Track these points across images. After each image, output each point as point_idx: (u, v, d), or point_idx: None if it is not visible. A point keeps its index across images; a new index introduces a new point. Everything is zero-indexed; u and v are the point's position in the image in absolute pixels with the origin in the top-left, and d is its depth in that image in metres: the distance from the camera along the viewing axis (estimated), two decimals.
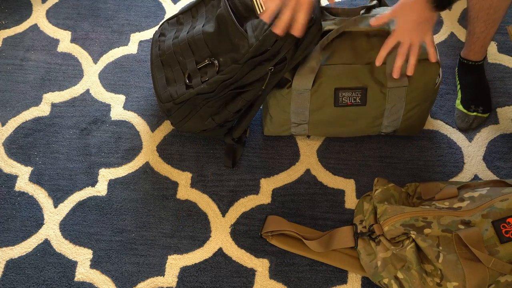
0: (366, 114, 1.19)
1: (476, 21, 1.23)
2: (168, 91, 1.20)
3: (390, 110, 1.19)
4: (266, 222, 1.18)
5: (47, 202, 1.24)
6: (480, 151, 1.29)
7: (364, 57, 1.14)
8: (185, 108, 1.19)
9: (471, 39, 1.28)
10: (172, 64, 1.22)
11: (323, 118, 1.21)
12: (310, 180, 1.26)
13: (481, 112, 1.32)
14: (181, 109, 1.19)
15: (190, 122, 1.21)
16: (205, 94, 1.14)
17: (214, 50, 1.15)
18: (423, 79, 1.14)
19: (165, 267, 1.15)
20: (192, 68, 1.17)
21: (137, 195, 1.25)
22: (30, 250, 1.18)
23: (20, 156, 1.32)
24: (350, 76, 1.14)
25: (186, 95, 1.16)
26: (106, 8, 1.62)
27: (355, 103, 1.17)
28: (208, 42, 1.16)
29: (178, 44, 1.21)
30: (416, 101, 1.18)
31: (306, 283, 1.12)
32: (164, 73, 1.23)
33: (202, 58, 1.16)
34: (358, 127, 1.23)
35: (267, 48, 1.06)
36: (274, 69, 1.10)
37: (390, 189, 1.13)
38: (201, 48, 1.17)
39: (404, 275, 1.03)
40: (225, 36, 1.13)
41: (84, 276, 1.14)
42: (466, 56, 1.34)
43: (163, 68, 1.24)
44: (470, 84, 1.35)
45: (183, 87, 1.17)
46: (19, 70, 1.49)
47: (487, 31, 1.24)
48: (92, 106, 1.40)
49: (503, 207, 1.02)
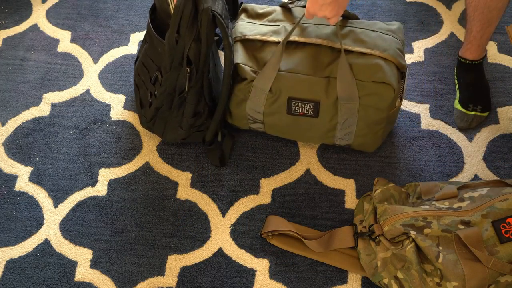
0: (319, 125, 1.20)
1: (473, 19, 1.23)
2: (142, 112, 1.28)
3: (342, 124, 1.18)
4: (266, 222, 1.18)
5: (47, 202, 1.24)
6: (480, 151, 1.29)
7: (324, 70, 1.15)
8: (159, 122, 1.26)
9: (469, 37, 1.29)
10: (140, 85, 1.27)
11: (277, 123, 1.22)
12: (310, 180, 1.26)
13: (480, 111, 1.32)
14: (156, 125, 1.27)
15: (168, 134, 1.27)
16: (161, 107, 1.20)
17: (158, 64, 1.18)
18: (375, 99, 1.13)
19: (165, 267, 1.15)
20: (149, 86, 1.21)
21: (137, 195, 1.25)
22: (30, 250, 1.18)
23: (20, 156, 1.32)
24: (305, 87, 1.15)
25: (150, 112, 1.23)
26: (106, 8, 1.62)
27: (307, 114, 1.17)
28: (151, 56, 1.19)
29: (138, 65, 1.26)
30: (369, 119, 1.17)
31: (306, 283, 1.12)
32: (139, 96, 1.28)
33: (153, 73, 1.20)
34: (311, 135, 1.24)
35: (173, 48, 1.09)
36: (190, 70, 1.12)
37: (390, 189, 1.13)
38: (150, 64, 1.20)
39: (404, 275, 1.03)
40: (155, 48, 1.16)
41: (84, 276, 1.14)
42: (464, 55, 1.34)
43: (138, 91, 1.28)
44: (468, 83, 1.35)
45: (148, 105, 1.24)
46: (19, 70, 1.49)
47: (483, 31, 1.24)
48: (92, 106, 1.41)
49: (503, 207, 1.02)
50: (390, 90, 1.12)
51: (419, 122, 1.35)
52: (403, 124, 1.34)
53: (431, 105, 1.37)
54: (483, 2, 1.17)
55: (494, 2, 1.17)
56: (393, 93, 1.12)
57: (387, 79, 1.11)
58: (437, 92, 1.40)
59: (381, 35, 1.18)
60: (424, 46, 1.49)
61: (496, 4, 1.17)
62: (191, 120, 1.21)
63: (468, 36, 1.28)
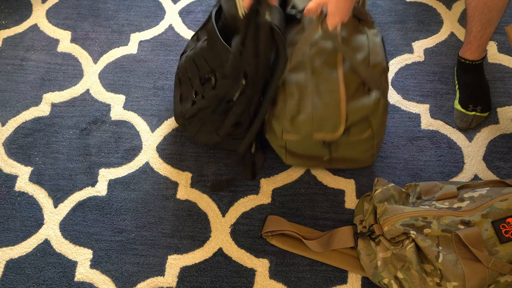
0: None
1: (472, 19, 1.23)
2: (180, 107, 1.25)
3: None
4: (266, 222, 1.18)
5: (47, 202, 1.24)
6: (480, 151, 1.29)
7: None
8: (196, 122, 1.22)
9: (468, 38, 1.29)
10: (185, 81, 1.25)
11: None
12: (310, 180, 1.26)
13: (479, 111, 1.32)
14: (192, 124, 1.24)
15: (202, 135, 1.25)
16: (206, 109, 1.17)
17: (212, 65, 1.16)
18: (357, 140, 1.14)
19: (165, 267, 1.15)
20: (197, 84, 1.19)
21: (137, 195, 1.25)
22: (30, 250, 1.18)
23: (20, 156, 1.32)
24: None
25: (191, 111, 1.20)
26: (106, 8, 1.62)
27: None
28: (206, 57, 1.17)
29: (187, 61, 1.23)
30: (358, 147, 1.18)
31: (306, 283, 1.12)
32: (180, 90, 1.26)
33: (204, 73, 1.18)
34: None
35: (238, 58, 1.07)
36: (245, 82, 1.10)
37: (390, 189, 1.13)
38: (202, 64, 1.18)
39: (404, 275, 1.03)
40: (215, 51, 1.14)
41: (84, 276, 1.14)
42: (464, 55, 1.34)
43: (180, 86, 1.27)
44: (468, 83, 1.35)
45: (190, 103, 1.21)
46: (19, 70, 1.49)
47: (483, 31, 1.24)
48: (92, 106, 1.41)
49: (502, 207, 1.02)
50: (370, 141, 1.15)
51: (419, 122, 1.35)
52: (403, 124, 1.34)
53: (431, 105, 1.37)
54: (483, 2, 1.17)
55: (494, 2, 1.17)
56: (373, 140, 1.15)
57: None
58: (437, 92, 1.40)
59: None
60: (424, 46, 1.49)
61: (496, 4, 1.17)
62: (230, 128, 1.19)
63: (468, 36, 1.28)
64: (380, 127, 1.13)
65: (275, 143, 1.21)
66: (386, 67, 1.14)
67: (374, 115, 1.10)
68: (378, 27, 1.53)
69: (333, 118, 1.08)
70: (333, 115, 1.08)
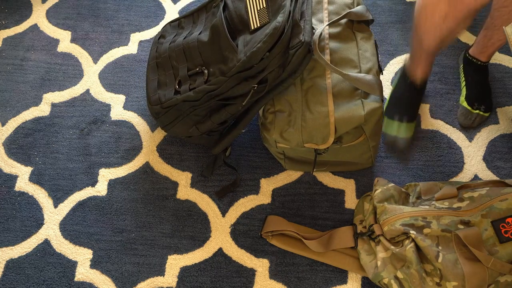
0: None
1: (495, 29, 1.23)
2: (158, 94, 1.21)
3: None
4: (266, 222, 1.18)
5: (47, 202, 1.25)
6: (480, 151, 1.29)
7: None
8: (172, 112, 1.19)
9: (487, 43, 1.29)
10: (166, 67, 1.23)
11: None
12: (310, 180, 1.26)
13: (483, 110, 1.33)
14: (168, 113, 1.19)
15: (176, 127, 1.21)
16: (191, 101, 1.14)
17: (206, 59, 1.15)
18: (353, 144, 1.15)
19: (165, 267, 1.15)
20: (183, 75, 1.18)
21: (137, 195, 1.25)
22: (30, 250, 1.18)
23: (20, 156, 1.32)
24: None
25: (173, 101, 1.16)
26: (106, 8, 1.62)
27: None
28: (201, 50, 1.16)
29: (174, 49, 1.22)
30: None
31: (306, 283, 1.12)
32: (158, 76, 1.24)
33: (194, 65, 1.17)
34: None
35: (253, 64, 1.06)
36: (257, 88, 1.09)
37: (390, 189, 1.13)
38: (194, 55, 1.17)
39: (404, 274, 1.03)
40: (217, 47, 1.13)
41: (84, 276, 1.14)
42: (477, 56, 1.35)
43: (157, 71, 1.24)
44: (476, 82, 1.36)
45: (171, 92, 1.18)
46: (19, 70, 1.49)
47: (503, 40, 1.25)
48: (92, 106, 1.41)
49: (502, 207, 1.02)
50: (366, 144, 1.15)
51: (419, 122, 1.35)
52: None
53: (431, 105, 1.37)
54: (506, 18, 1.17)
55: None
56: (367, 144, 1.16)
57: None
58: (437, 92, 1.40)
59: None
60: None
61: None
62: (215, 126, 1.18)
63: (487, 42, 1.29)
64: (374, 132, 1.13)
65: (273, 150, 1.21)
66: (379, 70, 1.14)
67: (368, 123, 1.10)
68: (378, 27, 1.53)
69: (322, 132, 1.09)
70: (322, 129, 1.09)
